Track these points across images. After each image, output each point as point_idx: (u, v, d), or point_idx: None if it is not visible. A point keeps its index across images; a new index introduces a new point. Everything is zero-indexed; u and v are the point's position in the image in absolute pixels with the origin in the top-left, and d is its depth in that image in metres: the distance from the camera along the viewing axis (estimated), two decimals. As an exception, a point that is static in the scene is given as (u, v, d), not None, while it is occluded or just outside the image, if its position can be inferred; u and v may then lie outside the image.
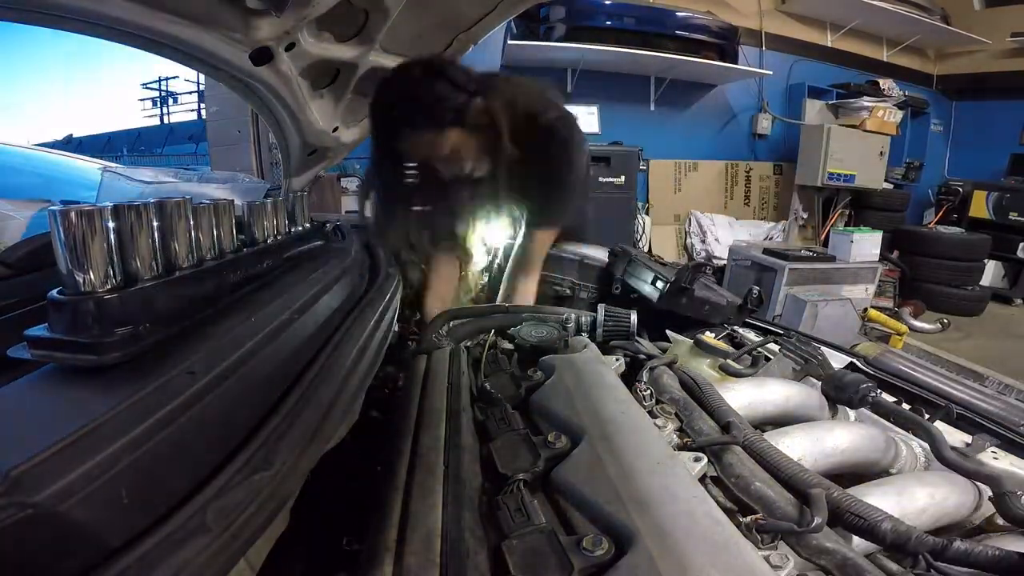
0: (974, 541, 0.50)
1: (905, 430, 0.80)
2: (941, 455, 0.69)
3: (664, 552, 0.41)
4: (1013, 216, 5.03)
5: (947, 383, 0.98)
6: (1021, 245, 4.99)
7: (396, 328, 1.06)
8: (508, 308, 1.17)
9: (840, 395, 0.85)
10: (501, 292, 1.34)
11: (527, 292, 1.31)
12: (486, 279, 1.48)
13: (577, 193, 1.30)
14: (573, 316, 1.07)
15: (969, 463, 0.68)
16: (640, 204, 4.68)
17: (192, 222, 0.47)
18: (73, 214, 0.35)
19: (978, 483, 0.66)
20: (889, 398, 0.89)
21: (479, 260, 1.44)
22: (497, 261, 1.46)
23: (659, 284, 1.18)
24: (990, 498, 0.61)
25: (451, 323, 1.04)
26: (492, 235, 1.39)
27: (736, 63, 4.65)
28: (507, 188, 1.16)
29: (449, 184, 1.15)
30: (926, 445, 0.75)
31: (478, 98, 1.01)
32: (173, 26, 0.74)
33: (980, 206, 5.28)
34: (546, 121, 1.11)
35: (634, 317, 1.03)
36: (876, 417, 0.85)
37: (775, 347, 1.04)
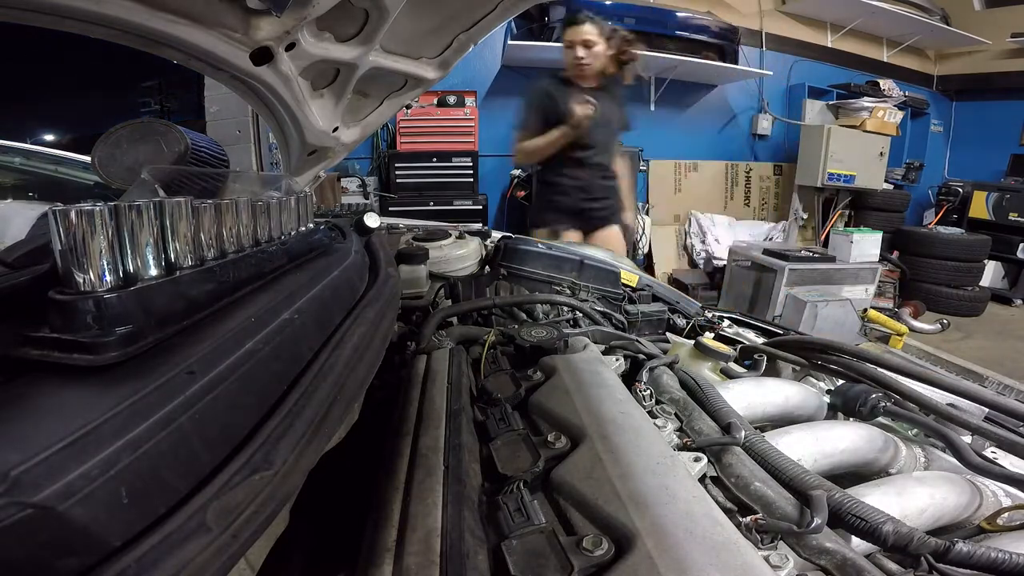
0: (976, 543, 0.50)
1: (926, 437, 0.80)
2: (968, 461, 0.69)
3: (664, 552, 0.41)
4: (1013, 216, 5.04)
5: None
6: (1021, 246, 4.99)
7: (396, 328, 1.06)
8: (496, 302, 1.18)
9: (848, 408, 0.83)
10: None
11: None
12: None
13: None
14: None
15: (997, 467, 0.68)
16: (640, 204, 4.69)
17: (193, 221, 0.47)
18: (73, 213, 0.35)
19: (982, 483, 0.66)
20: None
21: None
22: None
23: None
24: None
25: (453, 320, 1.04)
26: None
27: (736, 63, 4.66)
28: None
29: None
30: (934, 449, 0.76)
31: None
32: (173, 26, 0.74)
33: (980, 206, 5.28)
34: None
35: None
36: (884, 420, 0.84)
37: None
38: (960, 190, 5.44)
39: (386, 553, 0.44)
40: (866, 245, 3.85)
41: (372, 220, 1.15)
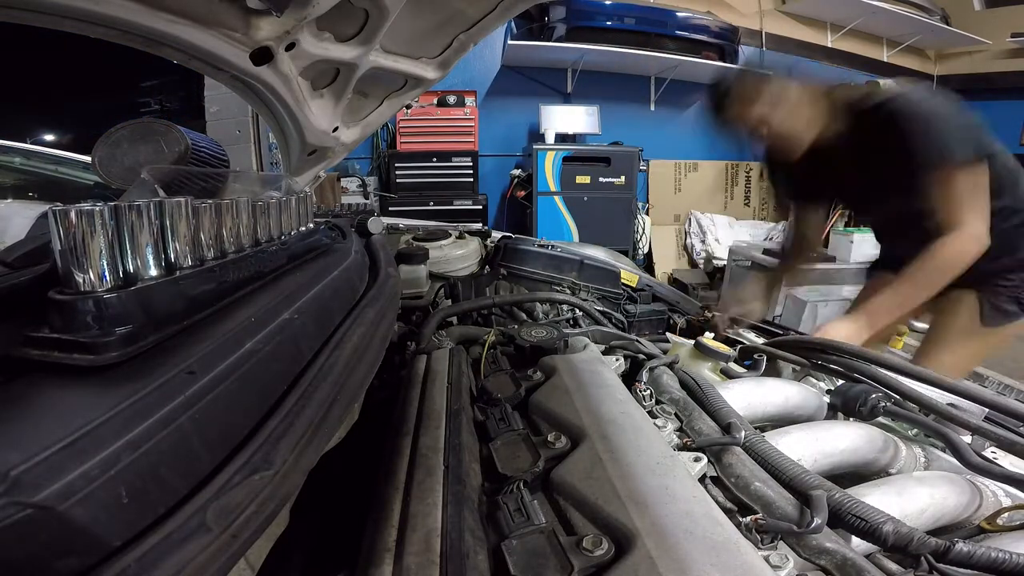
0: (976, 543, 0.50)
1: (926, 437, 0.80)
2: (968, 461, 0.69)
3: (664, 552, 0.41)
4: (1013, 216, 5.03)
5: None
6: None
7: (396, 328, 1.06)
8: (495, 302, 1.18)
9: (848, 408, 0.83)
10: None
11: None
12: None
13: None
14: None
15: (997, 467, 0.68)
16: (640, 204, 4.69)
17: (193, 221, 0.47)
18: (73, 213, 0.35)
19: (982, 483, 0.66)
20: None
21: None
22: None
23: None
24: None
25: (453, 319, 1.04)
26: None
27: (736, 63, 4.65)
28: None
29: None
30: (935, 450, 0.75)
31: None
32: (173, 26, 0.74)
33: (980, 206, 5.27)
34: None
35: None
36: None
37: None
38: (960, 190, 5.44)
39: (386, 553, 0.44)
40: (866, 245, 3.84)
41: (375, 225, 1.15)
